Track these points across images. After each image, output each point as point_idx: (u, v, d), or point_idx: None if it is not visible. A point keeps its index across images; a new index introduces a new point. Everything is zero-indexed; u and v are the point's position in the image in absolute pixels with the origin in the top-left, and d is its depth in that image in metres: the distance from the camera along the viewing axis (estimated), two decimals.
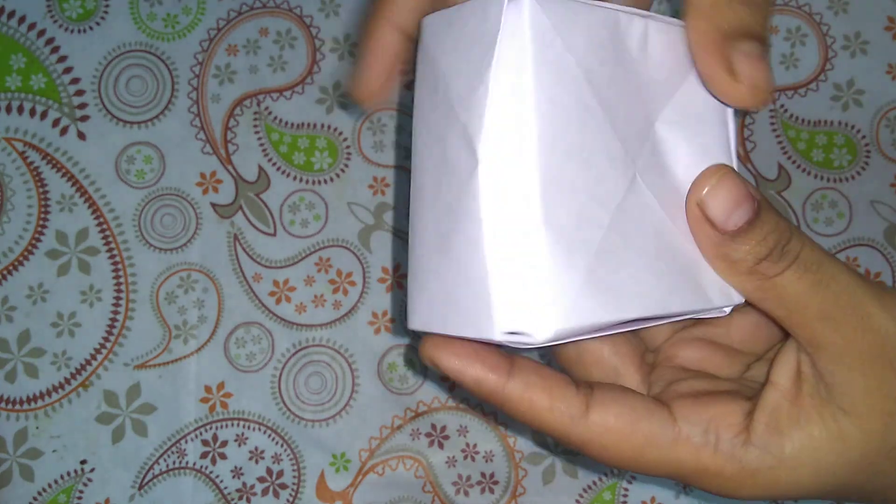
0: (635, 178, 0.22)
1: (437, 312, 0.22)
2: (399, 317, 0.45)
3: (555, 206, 0.20)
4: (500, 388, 0.23)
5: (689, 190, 0.23)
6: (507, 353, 0.23)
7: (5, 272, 0.44)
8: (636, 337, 0.28)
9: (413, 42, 0.25)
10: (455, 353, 0.23)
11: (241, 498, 0.43)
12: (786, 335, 0.25)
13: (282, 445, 0.44)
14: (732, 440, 0.23)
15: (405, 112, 0.46)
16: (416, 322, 0.23)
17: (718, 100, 0.24)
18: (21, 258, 0.44)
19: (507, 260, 0.20)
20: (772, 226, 0.22)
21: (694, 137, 0.24)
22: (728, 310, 0.24)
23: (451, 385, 0.44)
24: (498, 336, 0.20)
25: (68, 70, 0.45)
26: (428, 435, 0.44)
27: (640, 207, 0.22)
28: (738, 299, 0.24)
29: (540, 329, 0.20)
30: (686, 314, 0.23)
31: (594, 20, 0.21)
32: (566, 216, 0.20)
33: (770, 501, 0.24)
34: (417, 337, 0.44)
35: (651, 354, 0.28)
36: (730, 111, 0.25)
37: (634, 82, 0.23)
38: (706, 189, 0.22)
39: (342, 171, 0.45)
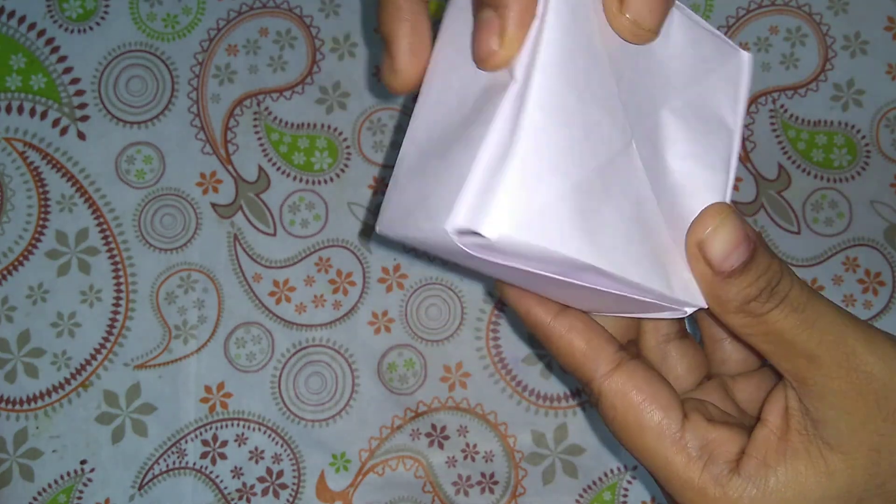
0: (631, 144, 0.22)
1: (405, 213, 0.22)
2: (399, 318, 0.45)
3: (544, 126, 0.20)
4: (546, 322, 0.26)
5: (690, 228, 0.23)
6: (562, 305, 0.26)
7: (5, 272, 0.44)
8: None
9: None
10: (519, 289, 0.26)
11: (241, 498, 0.44)
12: (777, 376, 0.26)
13: (282, 445, 0.44)
14: (722, 465, 0.24)
15: (405, 112, 0.46)
16: (383, 225, 0.24)
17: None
18: (21, 258, 0.44)
19: (487, 164, 0.20)
20: (764, 267, 0.23)
21: (696, 139, 0.24)
22: (689, 310, 0.24)
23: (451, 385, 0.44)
24: (449, 229, 0.20)
25: (68, 70, 0.45)
26: (428, 435, 0.44)
27: (629, 171, 0.22)
28: (702, 303, 0.24)
29: (489, 228, 0.19)
30: (643, 292, 0.23)
31: None
32: (552, 139, 0.20)
33: None
34: (418, 337, 0.45)
35: None
36: (738, 134, 0.25)
37: (650, 60, 0.23)
38: (708, 230, 0.23)
39: (342, 171, 0.45)
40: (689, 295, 0.24)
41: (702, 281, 0.23)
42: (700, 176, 0.24)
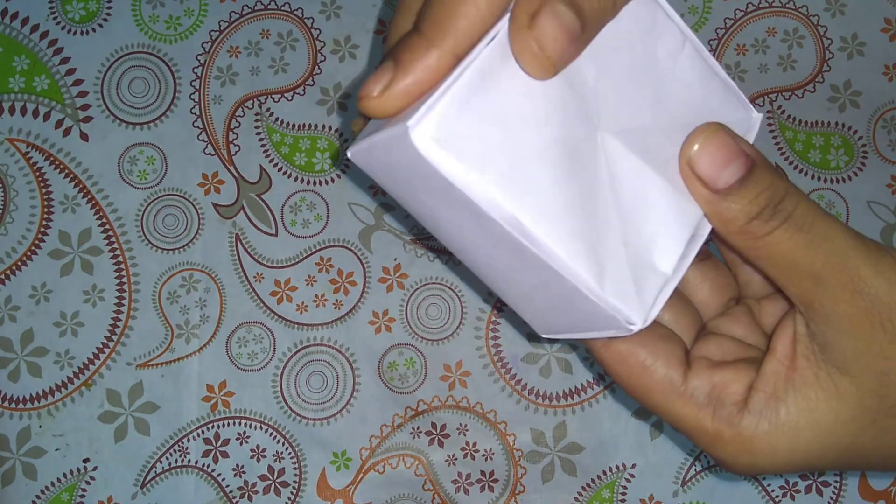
0: (596, 135, 0.22)
1: (373, 129, 0.22)
2: (399, 317, 0.45)
3: (495, 71, 0.20)
4: None
5: (682, 146, 0.23)
6: None
7: (9, 272, 0.44)
8: (693, 311, 0.29)
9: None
10: None
11: (242, 496, 0.44)
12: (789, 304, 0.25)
13: (283, 444, 0.44)
14: (731, 406, 0.24)
15: None
16: (353, 149, 0.23)
17: None
18: (24, 258, 0.44)
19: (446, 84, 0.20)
20: (765, 184, 0.22)
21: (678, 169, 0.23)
22: (630, 325, 0.22)
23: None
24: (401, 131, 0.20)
25: (71, 71, 0.45)
26: (428, 433, 0.44)
27: (588, 158, 0.21)
28: (639, 321, 0.22)
29: (418, 133, 0.19)
30: (564, 273, 0.21)
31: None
32: (504, 86, 0.20)
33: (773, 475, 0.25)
34: (419, 336, 0.45)
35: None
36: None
37: (649, 74, 0.23)
38: (696, 146, 0.22)
39: (343, 171, 0.46)
40: (627, 304, 0.22)
41: (701, 201, 0.23)
42: (672, 201, 0.23)
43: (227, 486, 0.44)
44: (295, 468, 0.44)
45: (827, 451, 0.24)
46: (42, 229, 0.44)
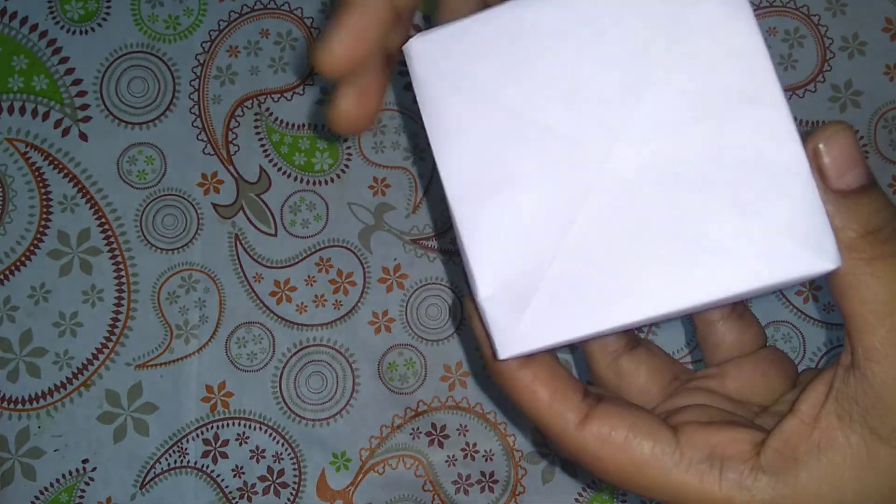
0: (609, 159, 0.21)
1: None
2: (399, 318, 0.45)
3: (487, 260, 0.21)
4: (512, 370, 0.23)
5: (812, 137, 0.21)
6: None
7: (7, 272, 0.44)
8: (667, 369, 0.28)
9: (398, 23, 0.23)
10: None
11: (242, 497, 0.44)
12: (792, 384, 0.24)
13: (282, 444, 0.44)
14: (740, 467, 0.21)
15: (405, 112, 0.46)
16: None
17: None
18: (23, 258, 0.44)
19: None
20: (885, 202, 0.20)
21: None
22: (831, 265, 0.21)
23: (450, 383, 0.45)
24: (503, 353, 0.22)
25: (70, 71, 0.45)
26: (428, 434, 0.44)
27: (618, 192, 0.21)
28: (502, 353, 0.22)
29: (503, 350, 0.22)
30: (749, 290, 0.21)
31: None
32: (504, 263, 0.21)
33: None
34: (418, 337, 0.45)
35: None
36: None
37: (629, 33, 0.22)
38: (825, 137, 0.21)
39: (342, 171, 0.46)
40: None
41: (823, 195, 0.21)
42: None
43: (227, 486, 0.44)
44: (294, 469, 0.44)
45: None
46: (41, 229, 0.44)
